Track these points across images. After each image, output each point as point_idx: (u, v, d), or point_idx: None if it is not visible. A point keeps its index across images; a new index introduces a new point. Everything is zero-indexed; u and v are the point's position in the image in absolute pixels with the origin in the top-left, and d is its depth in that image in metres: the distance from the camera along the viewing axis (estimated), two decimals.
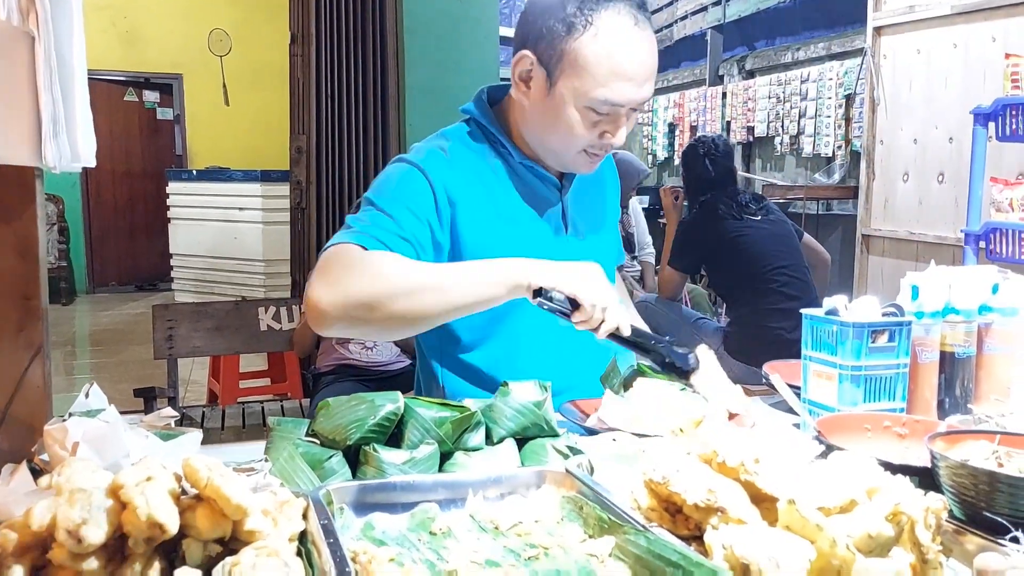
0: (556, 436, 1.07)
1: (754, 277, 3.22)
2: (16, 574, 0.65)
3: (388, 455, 0.95)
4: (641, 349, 1.27)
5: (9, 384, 1.04)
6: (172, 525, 0.65)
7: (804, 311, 1.30)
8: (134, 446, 0.88)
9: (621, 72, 1.26)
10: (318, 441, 1.00)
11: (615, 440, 1.06)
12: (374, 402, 1.00)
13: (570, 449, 1.03)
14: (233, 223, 7.39)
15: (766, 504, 0.79)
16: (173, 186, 7.86)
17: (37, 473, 0.86)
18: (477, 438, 1.03)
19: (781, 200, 5.37)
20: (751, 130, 6.38)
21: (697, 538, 0.79)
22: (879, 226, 4.05)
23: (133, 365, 5.74)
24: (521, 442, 1.06)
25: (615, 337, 1.22)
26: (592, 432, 1.14)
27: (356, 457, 0.98)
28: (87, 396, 1.01)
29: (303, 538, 0.75)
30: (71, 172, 1.02)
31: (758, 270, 3.22)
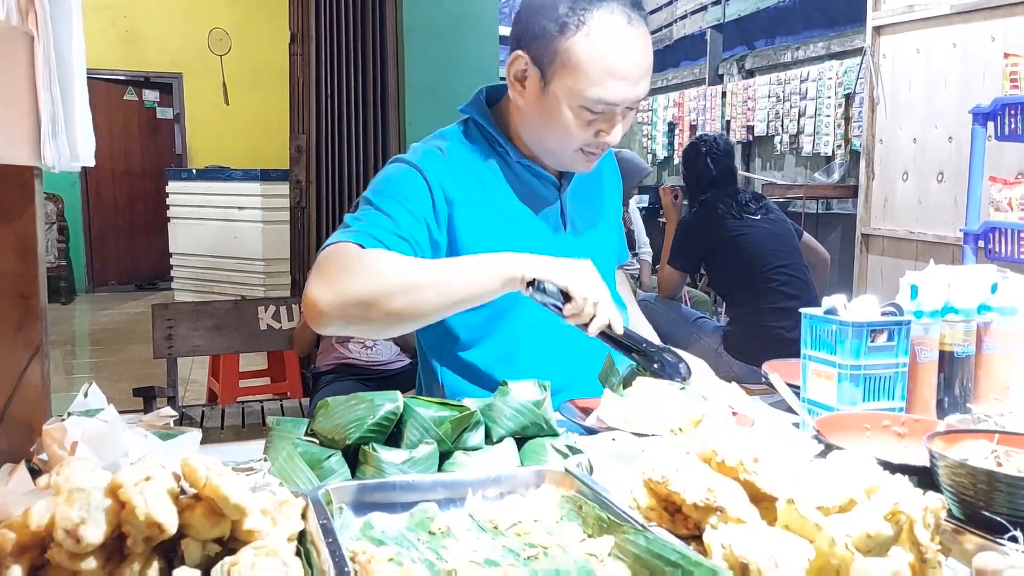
0: (555, 435, 1.07)
1: (754, 276, 3.22)
2: (14, 574, 0.64)
3: (387, 455, 0.95)
4: (631, 352, 1.27)
5: (8, 383, 1.04)
6: (171, 525, 0.65)
7: (803, 310, 1.30)
8: (133, 446, 0.88)
9: (615, 71, 1.26)
10: (317, 441, 1.00)
11: (614, 439, 1.06)
12: (373, 401, 1.00)
13: (569, 448, 1.03)
14: (233, 222, 7.39)
15: (765, 503, 0.79)
16: (173, 185, 7.87)
17: (36, 473, 0.85)
18: (476, 437, 1.03)
19: (781, 199, 5.38)
20: (751, 129, 6.39)
21: (696, 537, 0.79)
22: (878, 225, 4.05)
23: (132, 364, 5.74)
24: (520, 441, 1.06)
25: (606, 337, 1.23)
26: (591, 431, 1.14)
27: (355, 457, 0.98)
28: (86, 396, 1.01)
29: (302, 538, 0.75)
30: (70, 171, 1.02)
31: (758, 269, 3.22)
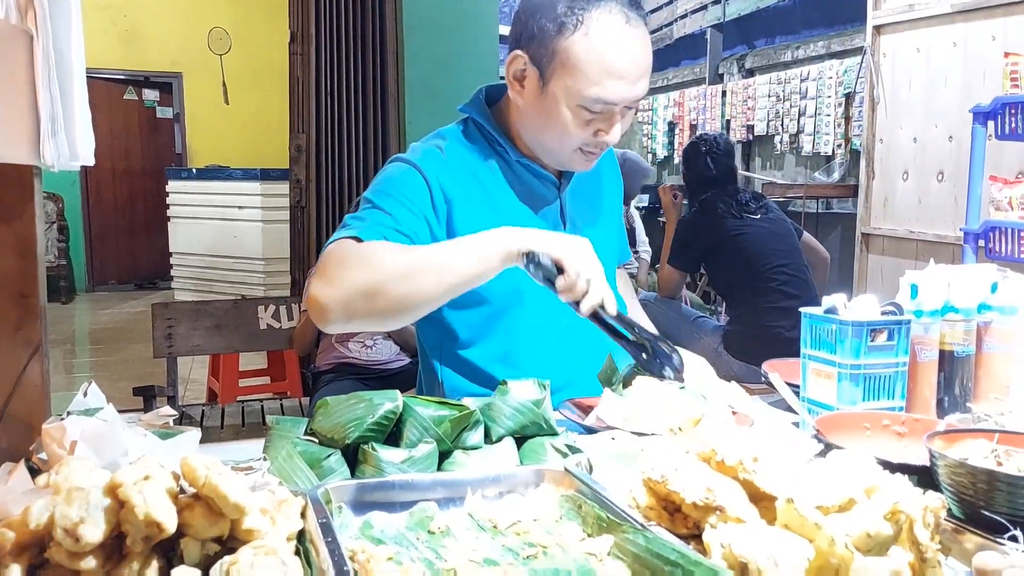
0: (555, 435, 1.07)
1: (754, 276, 3.23)
2: (14, 573, 0.64)
3: (387, 454, 0.95)
4: (624, 338, 1.22)
5: (7, 383, 1.04)
6: (170, 524, 0.65)
7: (803, 310, 1.30)
8: (132, 445, 0.88)
9: (613, 70, 1.26)
10: (317, 440, 1.00)
11: (614, 439, 1.06)
12: (373, 401, 0.99)
13: (569, 448, 1.03)
14: (233, 221, 7.39)
15: (765, 503, 0.79)
16: (173, 184, 7.86)
17: (35, 472, 0.85)
18: (476, 437, 1.03)
19: (781, 199, 5.38)
20: (751, 129, 6.39)
21: (696, 537, 0.78)
22: (878, 225, 4.05)
23: (132, 364, 5.74)
24: (520, 441, 1.06)
25: (599, 320, 1.20)
26: (591, 431, 1.14)
27: (355, 456, 0.98)
28: (85, 395, 1.01)
29: (301, 537, 0.75)
30: (70, 170, 1.02)
31: (757, 269, 3.22)
